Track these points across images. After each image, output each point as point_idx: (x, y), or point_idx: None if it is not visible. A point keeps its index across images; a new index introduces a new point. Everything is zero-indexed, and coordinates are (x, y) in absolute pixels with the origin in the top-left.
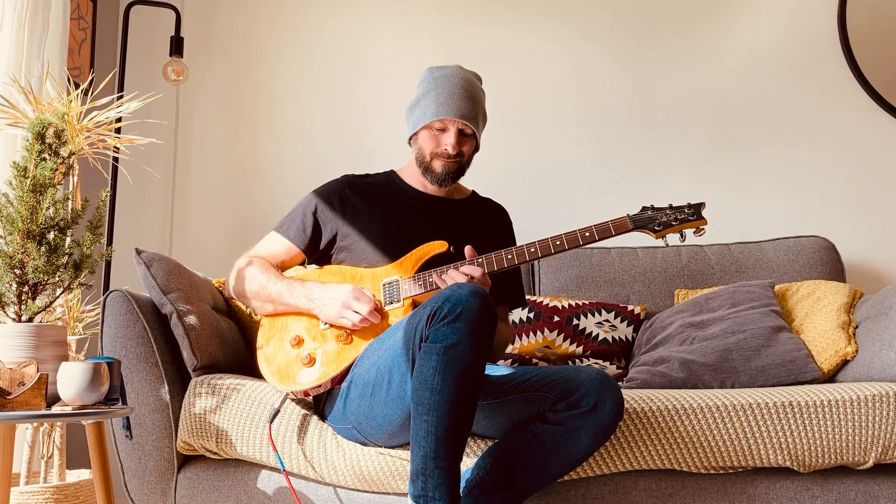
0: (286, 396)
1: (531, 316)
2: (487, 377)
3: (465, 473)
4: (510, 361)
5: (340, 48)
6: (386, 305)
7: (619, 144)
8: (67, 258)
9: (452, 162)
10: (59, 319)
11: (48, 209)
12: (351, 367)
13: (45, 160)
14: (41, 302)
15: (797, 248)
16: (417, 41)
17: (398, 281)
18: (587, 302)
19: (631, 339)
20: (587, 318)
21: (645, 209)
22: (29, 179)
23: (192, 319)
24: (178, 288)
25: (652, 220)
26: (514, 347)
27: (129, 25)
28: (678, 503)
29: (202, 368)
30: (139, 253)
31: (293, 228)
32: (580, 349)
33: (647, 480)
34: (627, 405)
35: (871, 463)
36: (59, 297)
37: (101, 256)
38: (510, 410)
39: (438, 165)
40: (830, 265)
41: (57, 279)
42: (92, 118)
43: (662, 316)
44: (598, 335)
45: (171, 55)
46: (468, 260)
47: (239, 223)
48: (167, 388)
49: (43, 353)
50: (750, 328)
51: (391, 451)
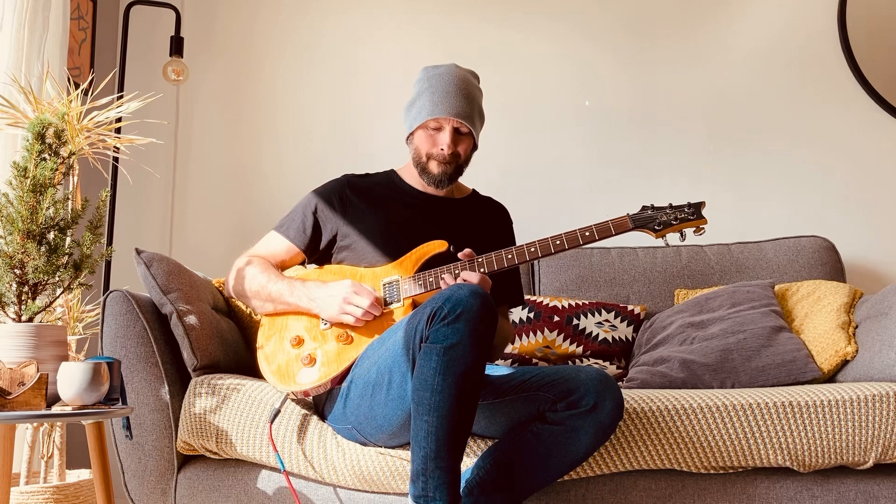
0: (286, 396)
1: (531, 316)
2: (487, 377)
3: (464, 473)
4: (510, 361)
5: (340, 48)
6: (386, 305)
7: (619, 144)
8: (67, 258)
9: (449, 163)
10: (59, 319)
11: (48, 209)
12: (351, 367)
13: (45, 160)
14: (41, 302)
15: (797, 248)
16: (417, 41)
17: (398, 281)
18: (587, 302)
19: (631, 339)
20: (587, 318)
21: (645, 208)
22: (29, 179)
23: (192, 319)
24: (178, 288)
25: (652, 219)
26: (514, 347)
27: (129, 25)
28: (678, 503)
29: (202, 368)
30: (139, 253)
31: (293, 228)
32: (580, 349)
33: (647, 480)
34: (627, 405)
35: (871, 463)
36: (59, 297)
37: (101, 256)
38: (510, 410)
39: (434, 166)
40: (830, 265)
41: (57, 279)
42: (92, 118)
43: (662, 316)
44: (598, 335)
45: (171, 55)
46: (465, 261)
47: (239, 223)
48: (167, 388)
49: (43, 353)
50: (750, 328)
51: (391, 451)
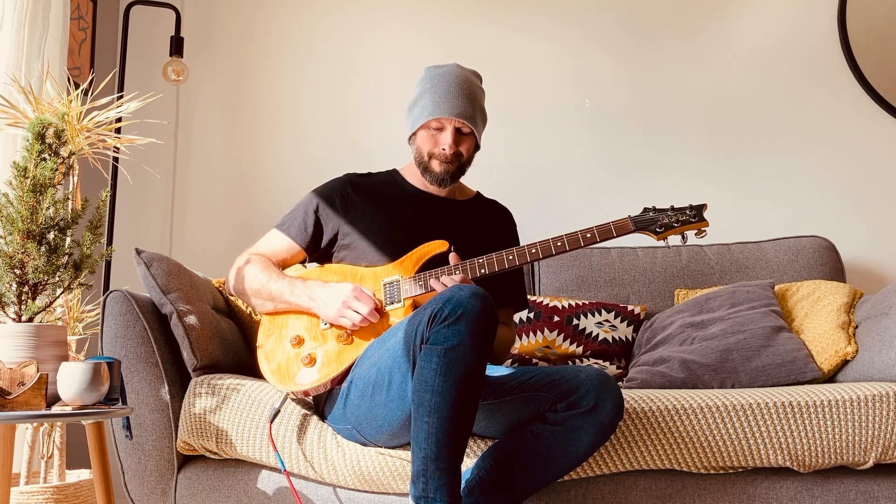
0: (286, 396)
1: (531, 316)
2: (487, 377)
3: (465, 473)
4: (510, 361)
5: (340, 48)
6: (387, 305)
7: (619, 144)
8: (67, 258)
9: (451, 162)
10: (59, 319)
11: (48, 209)
12: (351, 367)
13: (45, 160)
14: (41, 302)
15: (797, 248)
16: (417, 41)
17: (399, 281)
18: (587, 302)
19: (631, 339)
20: (587, 318)
21: (646, 210)
22: (29, 179)
23: (192, 319)
24: (178, 288)
25: (654, 221)
26: (514, 347)
27: (129, 25)
28: (678, 503)
29: (202, 368)
30: (139, 253)
31: (294, 226)
32: (580, 349)
33: (647, 480)
34: (627, 405)
35: (871, 463)
36: (59, 297)
37: (101, 256)
38: (510, 410)
39: (436, 165)
40: (830, 265)
41: (57, 279)
42: (92, 118)
43: (662, 316)
44: (598, 335)
45: (171, 55)
46: (451, 266)
47: (239, 223)
48: (167, 388)
49: (43, 353)
50: (750, 328)
51: (391, 451)
